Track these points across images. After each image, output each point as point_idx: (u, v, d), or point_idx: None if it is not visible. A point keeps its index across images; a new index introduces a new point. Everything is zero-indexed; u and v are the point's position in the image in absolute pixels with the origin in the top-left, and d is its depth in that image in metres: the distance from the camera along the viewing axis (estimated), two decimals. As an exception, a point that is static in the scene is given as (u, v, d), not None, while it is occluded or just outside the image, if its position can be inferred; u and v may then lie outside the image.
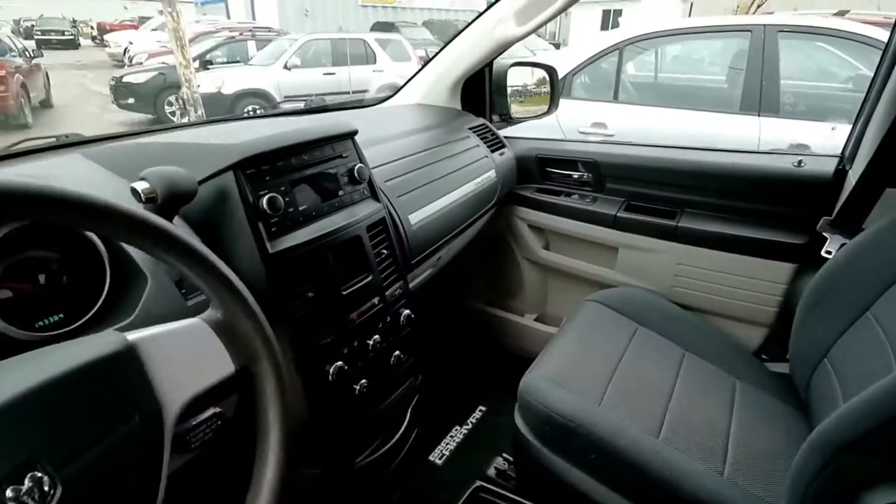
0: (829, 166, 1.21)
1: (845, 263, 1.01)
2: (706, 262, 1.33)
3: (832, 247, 1.13)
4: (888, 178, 1.06)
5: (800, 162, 1.22)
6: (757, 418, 1.00)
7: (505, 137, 1.61)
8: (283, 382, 0.53)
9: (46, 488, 0.37)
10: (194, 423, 0.53)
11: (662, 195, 1.41)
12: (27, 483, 0.36)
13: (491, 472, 1.14)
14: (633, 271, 1.46)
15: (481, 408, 1.59)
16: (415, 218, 1.06)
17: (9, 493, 0.35)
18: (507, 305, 1.77)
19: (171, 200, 0.63)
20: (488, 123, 1.56)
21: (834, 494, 0.64)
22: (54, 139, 1.04)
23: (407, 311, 0.97)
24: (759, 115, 3.04)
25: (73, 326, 0.63)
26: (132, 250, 0.66)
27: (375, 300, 0.90)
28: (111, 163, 0.82)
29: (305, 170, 0.82)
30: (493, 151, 1.46)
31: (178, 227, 0.48)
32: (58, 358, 0.41)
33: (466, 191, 1.26)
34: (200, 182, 0.69)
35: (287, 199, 0.77)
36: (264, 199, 0.73)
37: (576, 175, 1.55)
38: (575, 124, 3.42)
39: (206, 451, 0.54)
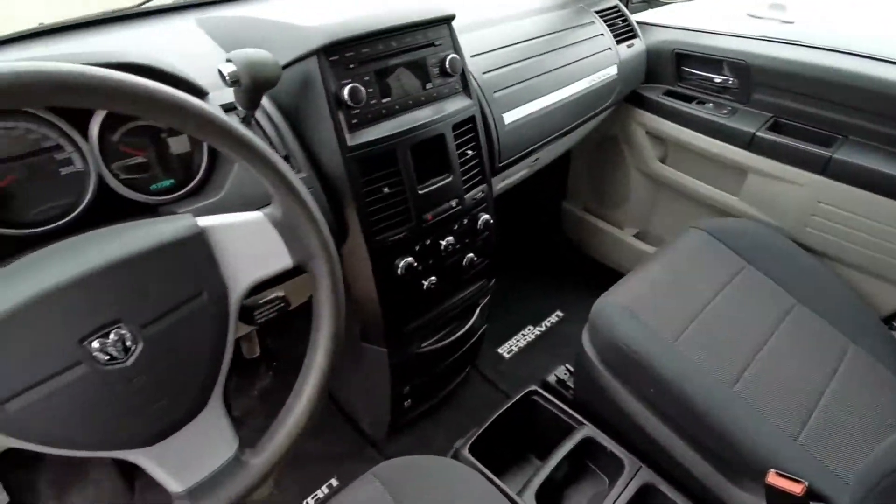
0: None
1: None
2: (858, 205, 1.10)
3: None
4: None
5: None
6: (861, 389, 0.89)
7: (641, 23, 1.37)
8: (336, 281, 0.56)
9: (129, 344, 0.44)
10: (260, 301, 0.59)
11: (821, 115, 1.15)
12: (112, 337, 0.43)
13: (551, 378, 1.17)
14: (759, 202, 1.26)
15: (559, 313, 1.59)
16: (510, 117, 0.98)
17: (95, 344, 0.43)
18: (606, 215, 1.66)
19: (254, 84, 0.64)
20: (621, 6, 1.33)
21: None
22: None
23: (486, 217, 0.95)
24: None
25: (179, 193, 0.71)
26: None
27: (453, 202, 0.88)
28: (220, 35, 0.84)
29: (393, 58, 0.77)
30: (620, 42, 1.27)
31: (236, 122, 0.49)
32: (141, 235, 0.46)
33: (576, 90, 1.13)
34: (284, 67, 0.69)
35: (370, 90, 0.75)
36: (346, 89, 0.72)
37: (718, 79, 1.30)
38: (748, 3, 2.80)
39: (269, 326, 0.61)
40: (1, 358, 0.40)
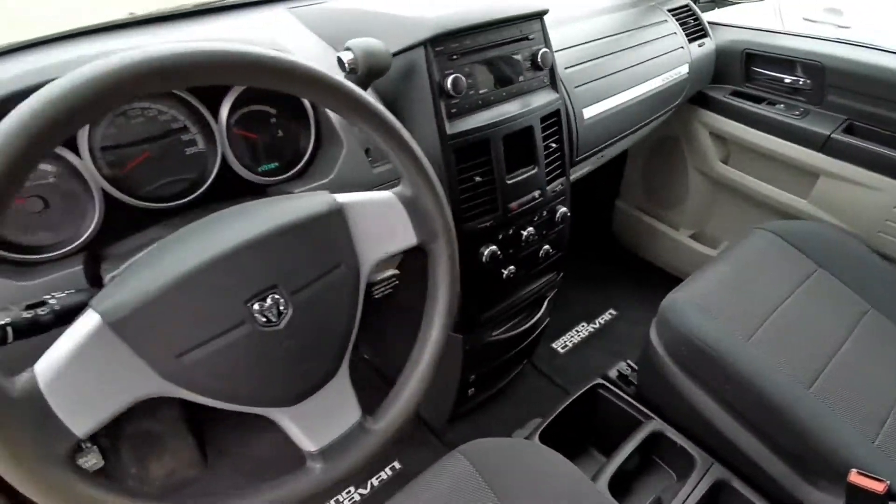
0: None
1: None
2: None
3: None
4: None
5: None
6: None
7: (710, 23, 1.37)
8: (454, 260, 0.58)
9: (282, 308, 0.47)
10: (378, 278, 0.62)
11: None
12: (269, 301, 0.46)
13: (612, 373, 1.18)
14: (829, 205, 1.25)
15: (612, 311, 1.59)
16: (589, 112, 1.00)
17: (255, 306, 0.46)
18: (662, 216, 1.66)
19: (368, 72, 0.67)
20: (692, 5, 1.33)
21: None
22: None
23: (563, 210, 0.96)
24: None
25: (287, 175, 0.74)
26: (333, 118, 0.73)
27: (536, 193, 0.90)
28: (317, 26, 0.87)
29: (490, 51, 0.80)
30: (691, 41, 1.27)
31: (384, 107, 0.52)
32: (293, 207, 0.49)
33: (650, 87, 1.13)
34: (394, 55, 0.71)
35: (469, 80, 0.77)
36: (449, 79, 0.74)
37: (788, 79, 1.29)
38: (802, 8, 2.75)
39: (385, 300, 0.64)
40: (182, 313, 0.43)
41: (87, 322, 0.41)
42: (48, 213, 0.59)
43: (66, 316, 0.47)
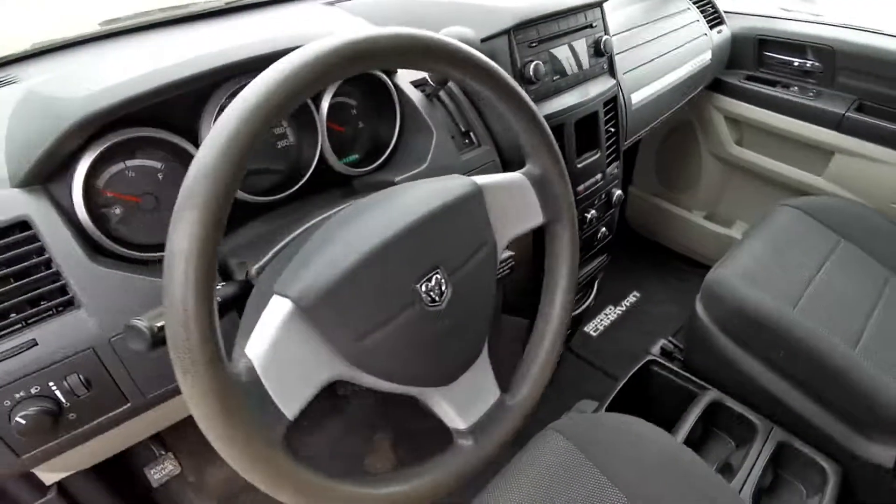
0: None
1: None
2: None
3: None
4: None
5: None
6: None
7: (724, 12, 1.43)
8: (576, 239, 0.60)
9: (443, 288, 0.48)
10: (499, 259, 0.63)
11: None
12: (433, 282, 0.47)
13: (656, 350, 1.22)
14: (845, 181, 1.32)
15: (636, 293, 1.64)
16: (636, 97, 1.03)
17: (423, 287, 0.46)
18: (675, 199, 1.72)
19: None
20: (709, -7, 1.39)
21: None
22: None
23: (619, 192, 0.99)
24: None
25: (374, 165, 0.74)
26: (420, 106, 0.73)
27: (598, 176, 0.93)
28: (380, 18, 0.87)
29: (562, 38, 0.82)
30: (711, 28, 1.32)
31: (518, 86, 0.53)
32: (437, 191, 0.50)
33: (683, 73, 1.18)
34: (481, 42, 0.72)
35: (546, 67, 0.79)
36: (531, 66, 0.76)
37: (799, 63, 1.36)
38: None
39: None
40: (360, 297, 0.43)
41: (281, 309, 0.41)
42: (161, 210, 0.58)
43: (225, 307, 0.47)
